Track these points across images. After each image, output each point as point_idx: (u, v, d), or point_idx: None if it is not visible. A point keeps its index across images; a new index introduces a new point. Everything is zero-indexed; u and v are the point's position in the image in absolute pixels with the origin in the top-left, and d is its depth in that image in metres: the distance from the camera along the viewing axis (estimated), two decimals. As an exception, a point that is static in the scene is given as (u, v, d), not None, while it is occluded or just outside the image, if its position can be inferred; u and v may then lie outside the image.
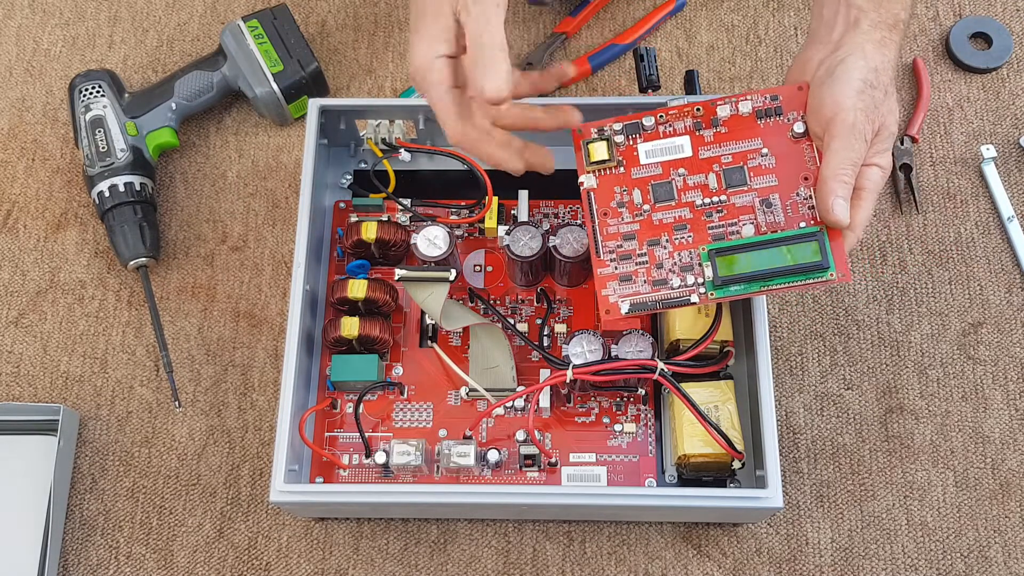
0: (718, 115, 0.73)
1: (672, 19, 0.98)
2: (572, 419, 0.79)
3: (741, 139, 0.72)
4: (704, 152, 0.73)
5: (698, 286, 0.70)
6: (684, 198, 0.72)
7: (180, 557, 0.81)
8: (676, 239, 0.71)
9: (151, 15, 1.00)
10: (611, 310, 0.71)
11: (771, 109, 0.72)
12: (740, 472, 0.76)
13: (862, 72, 0.68)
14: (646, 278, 0.71)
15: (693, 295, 0.70)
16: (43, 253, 0.91)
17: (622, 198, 0.73)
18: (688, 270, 0.71)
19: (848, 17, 0.70)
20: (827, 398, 0.83)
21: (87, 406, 0.85)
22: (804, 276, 0.69)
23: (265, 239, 0.91)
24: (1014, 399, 0.83)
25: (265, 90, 0.91)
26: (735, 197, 0.71)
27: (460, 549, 0.80)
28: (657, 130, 0.74)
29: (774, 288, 0.69)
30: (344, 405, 0.81)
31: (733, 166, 0.72)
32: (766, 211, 0.71)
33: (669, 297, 0.71)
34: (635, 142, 0.74)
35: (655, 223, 0.72)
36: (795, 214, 0.70)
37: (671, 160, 0.73)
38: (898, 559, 0.79)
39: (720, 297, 0.70)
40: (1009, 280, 0.87)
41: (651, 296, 0.71)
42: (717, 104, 0.73)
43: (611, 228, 0.72)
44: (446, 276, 0.78)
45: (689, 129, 0.73)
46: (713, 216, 0.71)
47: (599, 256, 0.72)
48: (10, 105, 0.97)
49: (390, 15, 0.99)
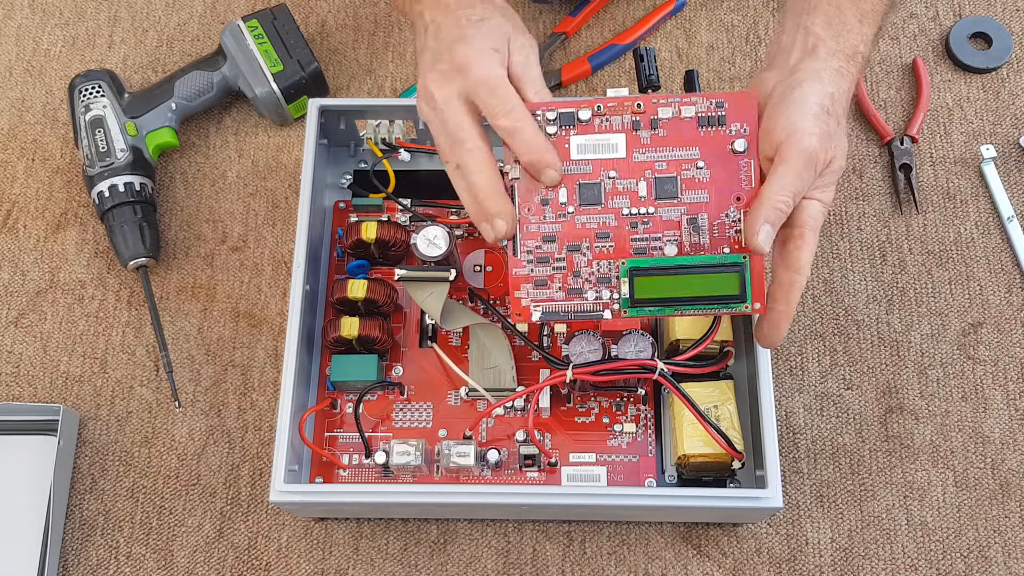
0: (659, 116, 0.69)
1: (672, 19, 0.98)
2: (572, 419, 0.79)
3: (678, 146, 0.69)
4: (638, 155, 0.69)
5: (613, 301, 0.69)
6: (611, 203, 0.69)
7: (180, 557, 0.81)
8: (597, 247, 0.69)
9: (151, 15, 1.00)
10: (522, 314, 0.69)
11: (714, 117, 0.69)
12: (740, 472, 0.76)
13: (819, 97, 0.65)
14: (561, 284, 0.69)
15: (607, 311, 0.69)
16: (43, 253, 0.91)
17: (547, 194, 0.69)
18: (605, 282, 0.69)
19: (806, 44, 0.68)
20: (827, 398, 0.83)
21: (87, 406, 0.85)
22: (720, 306, 0.68)
23: (265, 239, 0.91)
24: (1014, 399, 0.83)
25: (265, 90, 0.91)
26: (663, 210, 0.68)
27: (460, 549, 0.80)
28: (593, 123, 0.69)
29: (688, 313, 0.68)
30: (344, 405, 0.81)
31: (666, 175, 0.69)
32: (691, 231, 0.68)
33: (582, 309, 0.69)
34: (568, 134, 0.69)
35: (578, 227, 0.69)
36: (720, 236, 0.68)
37: (603, 159, 0.69)
38: (898, 559, 0.79)
39: (633, 316, 0.68)
40: (1009, 280, 0.87)
41: (564, 305, 0.69)
42: (659, 104, 0.69)
43: (532, 226, 0.69)
44: (446, 276, 0.78)
45: (627, 127, 0.69)
46: (638, 227, 0.69)
47: (516, 255, 0.69)
48: (10, 105, 0.97)
49: (390, 15, 0.99)
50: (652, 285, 0.68)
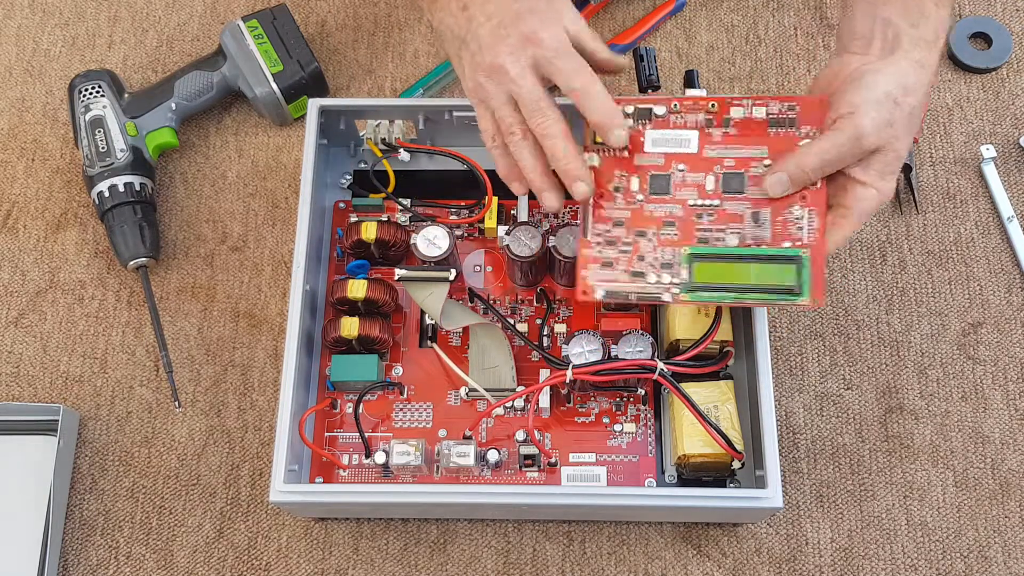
0: (731, 115, 0.72)
1: (672, 19, 0.98)
2: (572, 419, 0.79)
3: (748, 144, 0.71)
4: (709, 151, 0.72)
5: (673, 285, 0.70)
6: (679, 194, 0.71)
7: (180, 557, 0.81)
8: (663, 234, 0.71)
9: (151, 15, 1.00)
10: (587, 291, 0.71)
11: (785, 119, 0.71)
12: (740, 472, 0.76)
13: (890, 84, 0.66)
14: (626, 267, 0.71)
15: (666, 294, 0.70)
16: (43, 253, 0.91)
17: (620, 182, 0.72)
18: (667, 268, 0.71)
19: (886, 35, 0.68)
20: (827, 398, 0.83)
21: (87, 406, 0.85)
22: (776, 296, 0.69)
23: (265, 239, 0.91)
24: (1014, 399, 0.83)
25: (265, 90, 0.91)
26: (728, 203, 0.71)
27: (460, 549, 0.80)
28: (668, 119, 0.73)
29: (745, 302, 0.69)
30: (344, 405, 0.81)
31: (734, 171, 0.71)
32: (754, 224, 0.70)
33: (643, 291, 0.70)
34: (643, 128, 0.73)
35: (646, 214, 0.72)
36: (783, 232, 0.69)
37: (675, 153, 0.72)
38: (898, 559, 0.79)
39: (691, 301, 0.70)
40: (1009, 280, 0.87)
41: (627, 286, 0.71)
42: (732, 104, 0.72)
43: (604, 211, 0.72)
44: (446, 276, 0.78)
45: (700, 124, 0.72)
46: (703, 218, 0.71)
47: (586, 236, 0.72)
48: (10, 105, 0.97)
49: (390, 15, 0.99)
50: (711, 271, 0.69)
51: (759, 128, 0.71)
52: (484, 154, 0.87)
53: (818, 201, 0.69)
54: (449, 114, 0.85)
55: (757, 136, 0.71)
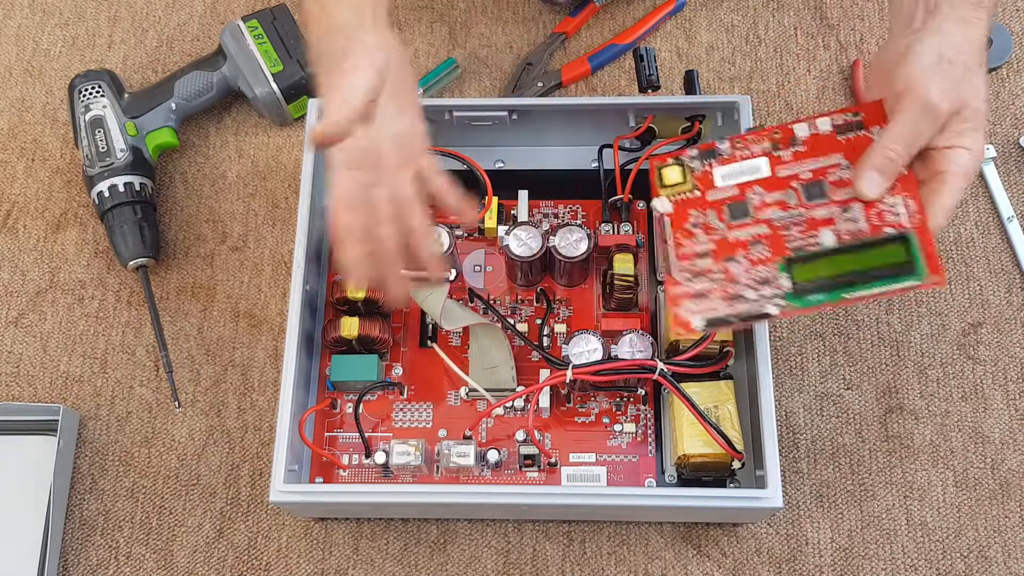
0: (796, 135, 0.70)
1: (672, 19, 0.98)
2: (572, 419, 0.79)
3: (821, 156, 0.69)
4: (782, 171, 0.70)
5: (776, 297, 0.67)
6: (761, 215, 0.69)
7: (180, 557, 0.81)
8: (753, 254, 0.68)
9: (151, 15, 1.00)
10: (684, 325, 0.68)
11: (852, 124, 0.69)
12: (740, 472, 0.76)
13: (936, 48, 0.64)
14: (721, 294, 0.68)
15: (769, 305, 0.66)
16: (43, 253, 0.91)
17: (696, 220, 0.70)
18: (765, 283, 0.67)
19: (928, 3, 0.67)
20: (827, 398, 0.83)
21: (87, 406, 0.85)
22: (890, 280, 0.65)
23: (265, 239, 0.91)
24: (1014, 399, 0.83)
25: (265, 90, 0.91)
26: (815, 210, 0.68)
27: (460, 549, 0.80)
28: (733, 154, 0.71)
29: (858, 295, 0.65)
30: (344, 405, 0.81)
31: (813, 180, 0.69)
32: (847, 219, 0.67)
33: (745, 311, 0.67)
34: (711, 167, 0.71)
35: (730, 241, 0.69)
36: (881, 222, 0.66)
37: (748, 181, 0.70)
38: (898, 559, 0.79)
39: (800, 308, 0.66)
40: (1009, 280, 0.87)
41: (727, 310, 0.67)
42: (795, 125, 0.70)
43: (684, 249, 0.69)
44: (446, 276, 0.78)
45: (766, 151, 0.70)
46: (792, 229, 0.68)
47: (671, 274, 0.69)
48: (10, 105, 0.97)
49: (390, 15, 0.99)
50: (813, 270, 0.66)
51: (828, 139, 0.70)
52: (484, 154, 0.87)
53: (909, 185, 0.66)
54: (449, 114, 0.85)
55: (829, 146, 0.69)
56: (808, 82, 0.95)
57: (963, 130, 0.65)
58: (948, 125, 0.65)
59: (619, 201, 0.82)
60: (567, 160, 0.88)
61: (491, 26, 0.99)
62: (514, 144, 0.88)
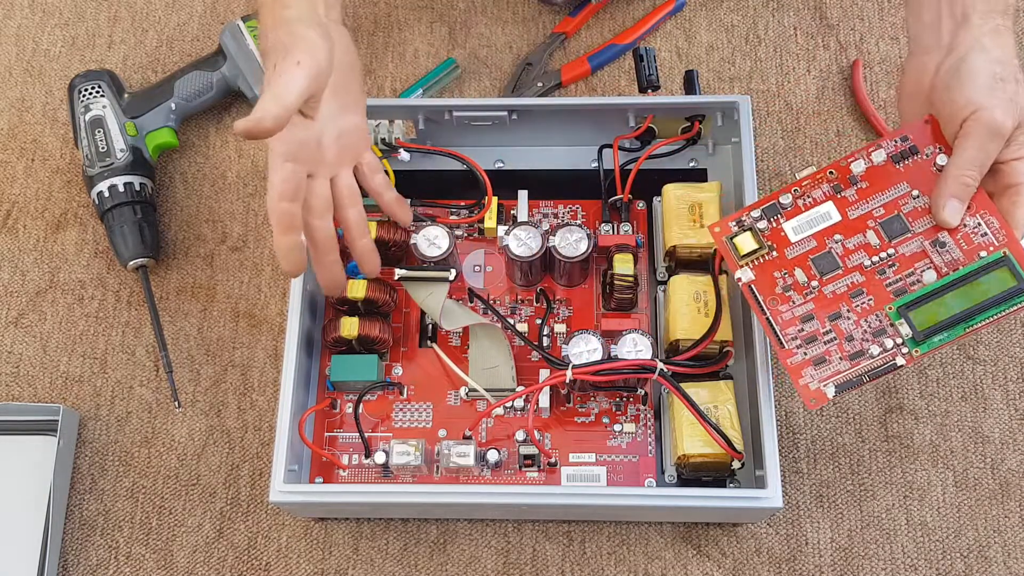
0: (854, 172, 0.71)
1: (672, 19, 0.98)
2: (572, 419, 0.79)
3: (886, 188, 0.70)
4: (853, 212, 0.70)
5: (899, 347, 0.67)
6: (850, 262, 0.69)
7: (180, 557, 0.81)
8: (857, 306, 0.69)
9: (151, 15, 1.00)
10: (816, 398, 0.68)
11: (905, 151, 0.70)
12: (740, 472, 0.76)
13: (988, 66, 0.65)
14: (840, 355, 0.68)
15: (897, 358, 0.67)
16: (43, 253, 0.91)
17: (785, 282, 0.70)
18: (882, 334, 0.68)
19: (954, 14, 0.67)
20: (827, 398, 0.83)
21: (87, 406, 0.85)
22: (1008, 304, 0.66)
23: (265, 239, 0.91)
24: (1014, 399, 0.83)
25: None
26: (902, 247, 0.69)
27: (460, 549, 0.80)
28: (796, 205, 0.71)
29: (979, 326, 0.66)
30: (344, 405, 0.81)
31: (889, 216, 0.69)
32: (940, 251, 0.68)
33: (873, 367, 0.67)
34: (778, 223, 0.71)
35: (828, 296, 0.69)
36: (971, 246, 0.68)
37: (822, 229, 0.70)
38: (898, 559, 0.79)
39: (925, 352, 0.67)
40: (1009, 280, 0.87)
41: (853, 371, 0.68)
42: (850, 162, 0.71)
43: (785, 315, 0.70)
44: (446, 276, 0.78)
45: (829, 195, 0.71)
46: (887, 272, 0.69)
47: (784, 347, 0.69)
48: (10, 105, 0.97)
49: (390, 15, 0.99)
50: (929, 312, 0.67)
51: (887, 170, 0.70)
52: (484, 154, 0.87)
53: (983, 203, 0.68)
54: (449, 114, 0.85)
55: (890, 177, 0.70)
56: (808, 82, 0.95)
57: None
58: (1012, 139, 0.66)
59: (619, 201, 0.82)
60: (567, 160, 0.88)
61: (491, 26, 0.99)
62: (514, 144, 0.88)
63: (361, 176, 0.77)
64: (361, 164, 0.76)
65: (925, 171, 0.70)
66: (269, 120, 0.64)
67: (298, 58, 0.66)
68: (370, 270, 0.78)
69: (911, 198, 0.70)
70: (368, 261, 0.77)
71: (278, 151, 0.70)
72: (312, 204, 0.72)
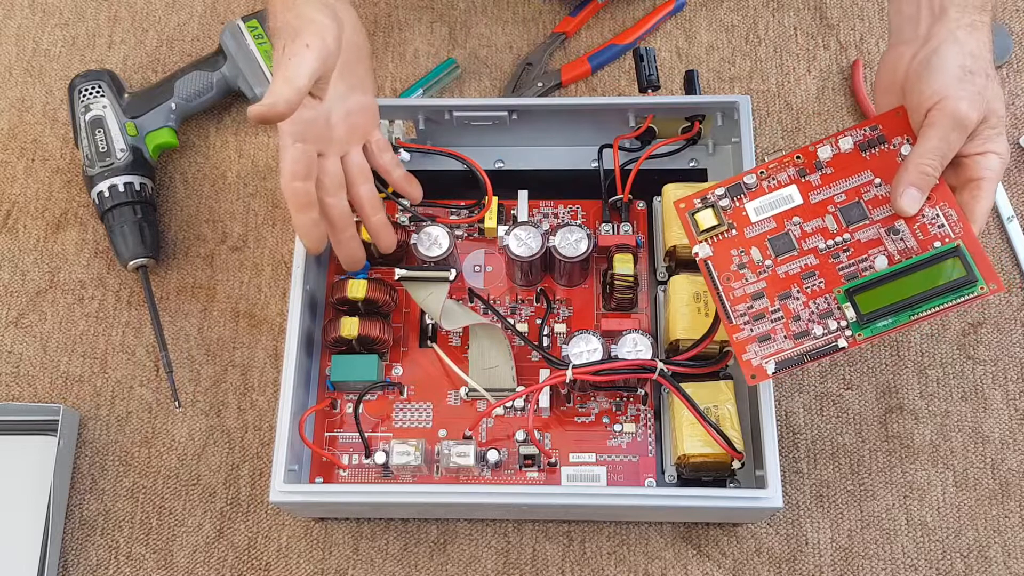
0: (820, 158, 0.71)
1: (672, 19, 0.98)
2: (572, 419, 0.79)
3: (850, 175, 0.70)
4: (815, 196, 0.71)
5: (842, 329, 0.68)
6: (806, 245, 0.70)
7: (180, 557, 0.81)
8: (807, 287, 0.69)
9: (151, 15, 1.00)
10: (757, 373, 0.69)
11: (873, 139, 0.70)
12: (740, 472, 0.76)
13: (959, 58, 0.65)
14: (786, 334, 0.69)
15: (840, 340, 0.68)
16: (43, 253, 0.91)
17: (741, 259, 0.71)
18: (828, 316, 0.68)
19: (932, 7, 0.67)
20: (827, 398, 0.83)
21: (87, 406, 0.85)
22: (953, 295, 0.66)
23: (265, 239, 0.91)
24: (1014, 399, 0.83)
25: (265, 90, 0.90)
26: (859, 233, 0.69)
27: (460, 549, 0.80)
28: (761, 186, 0.72)
29: (924, 315, 0.67)
30: (344, 405, 0.81)
31: (849, 203, 0.70)
32: (895, 239, 0.68)
33: (814, 348, 0.68)
34: (741, 202, 0.72)
35: (781, 276, 0.70)
36: (927, 236, 0.68)
37: (783, 211, 0.71)
38: (898, 559, 0.79)
39: (868, 336, 0.67)
40: (1009, 280, 0.87)
41: (795, 350, 0.68)
42: (817, 147, 0.71)
43: (737, 291, 0.70)
44: (446, 276, 0.78)
45: (794, 178, 0.71)
46: (840, 256, 0.69)
47: (731, 322, 0.70)
48: (10, 105, 0.97)
49: (390, 15, 0.99)
50: (875, 297, 0.67)
51: (853, 157, 0.71)
52: (484, 154, 0.87)
53: (944, 194, 0.68)
54: (449, 114, 0.85)
55: (855, 164, 0.70)
56: (808, 82, 0.95)
57: (991, 136, 0.66)
58: (976, 132, 0.66)
59: (619, 201, 0.82)
60: (567, 160, 0.88)
61: (491, 26, 0.99)
62: (514, 144, 0.88)
63: (370, 155, 0.79)
64: (370, 143, 0.78)
65: (891, 161, 0.70)
66: (282, 104, 0.65)
67: (307, 40, 0.67)
68: (386, 245, 0.79)
69: (874, 186, 0.70)
70: (383, 236, 0.79)
71: (287, 131, 0.71)
72: (324, 182, 0.74)
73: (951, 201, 0.68)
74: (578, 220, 0.86)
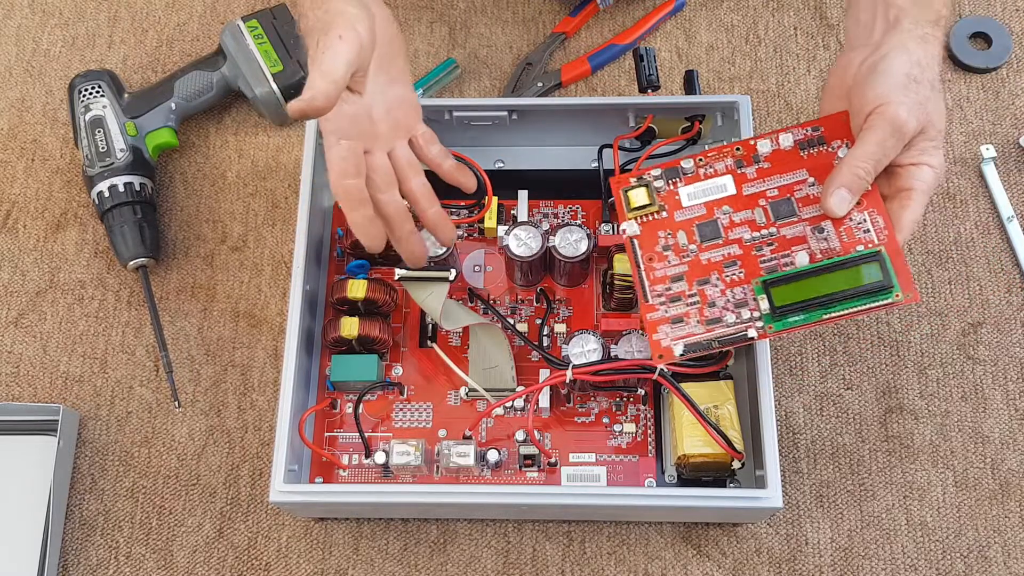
0: (759, 151, 0.71)
1: (672, 19, 0.98)
2: (572, 419, 0.79)
3: (785, 172, 0.71)
4: (748, 188, 0.71)
5: (754, 320, 0.68)
6: (732, 235, 0.70)
7: (180, 557, 0.81)
8: (727, 276, 0.69)
9: (151, 15, 1.00)
10: (664, 354, 0.69)
11: (813, 139, 0.71)
12: (740, 472, 0.76)
13: (905, 66, 0.66)
14: (699, 318, 0.69)
15: (750, 330, 0.68)
16: (43, 253, 0.91)
17: (667, 242, 0.71)
18: (743, 305, 0.69)
19: (888, 17, 0.68)
20: (827, 398, 0.83)
21: (87, 406, 0.85)
22: (867, 299, 0.66)
23: (265, 239, 0.91)
24: (1014, 399, 0.83)
25: (265, 90, 0.91)
26: (785, 228, 0.70)
27: (460, 549, 0.80)
28: (697, 172, 0.72)
29: (836, 315, 0.67)
30: (344, 405, 0.81)
31: (780, 199, 0.70)
32: (819, 237, 0.69)
33: (725, 335, 0.68)
34: (675, 186, 0.72)
35: (703, 262, 0.70)
36: (851, 239, 0.68)
37: (715, 200, 0.71)
38: (898, 559, 0.79)
39: (779, 330, 0.68)
40: (1009, 280, 0.87)
41: (705, 335, 0.69)
42: (757, 141, 0.72)
43: (657, 272, 0.71)
44: (446, 276, 0.78)
45: (730, 169, 0.72)
46: (764, 250, 0.70)
47: (647, 301, 0.70)
48: (10, 105, 0.97)
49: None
50: (790, 291, 0.68)
51: (791, 155, 0.71)
52: (484, 154, 0.87)
53: (874, 201, 0.68)
54: (449, 114, 0.85)
55: (792, 162, 0.71)
56: (808, 82, 0.95)
57: (927, 148, 0.67)
58: (913, 143, 0.66)
59: (619, 201, 0.83)
60: (567, 160, 0.88)
61: (491, 26, 0.99)
62: (514, 144, 0.88)
63: (417, 148, 0.76)
64: (416, 136, 0.76)
65: (827, 162, 0.70)
66: (320, 98, 0.64)
67: (340, 32, 0.66)
68: (446, 239, 0.77)
69: (807, 185, 0.70)
70: (442, 229, 0.77)
71: (330, 129, 0.70)
72: (374, 179, 0.72)
73: (880, 208, 0.68)
74: (578, 220, 0.86)
